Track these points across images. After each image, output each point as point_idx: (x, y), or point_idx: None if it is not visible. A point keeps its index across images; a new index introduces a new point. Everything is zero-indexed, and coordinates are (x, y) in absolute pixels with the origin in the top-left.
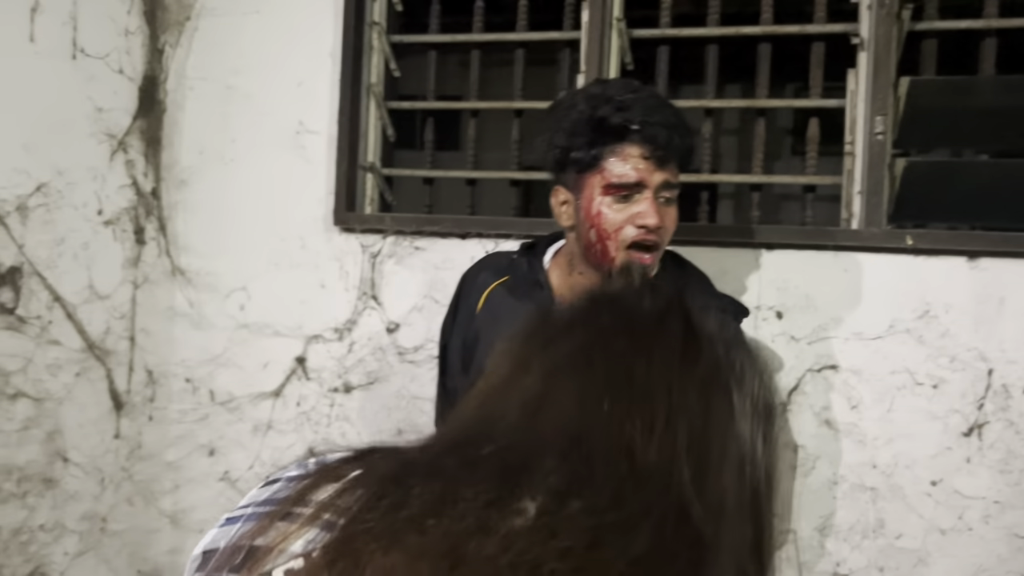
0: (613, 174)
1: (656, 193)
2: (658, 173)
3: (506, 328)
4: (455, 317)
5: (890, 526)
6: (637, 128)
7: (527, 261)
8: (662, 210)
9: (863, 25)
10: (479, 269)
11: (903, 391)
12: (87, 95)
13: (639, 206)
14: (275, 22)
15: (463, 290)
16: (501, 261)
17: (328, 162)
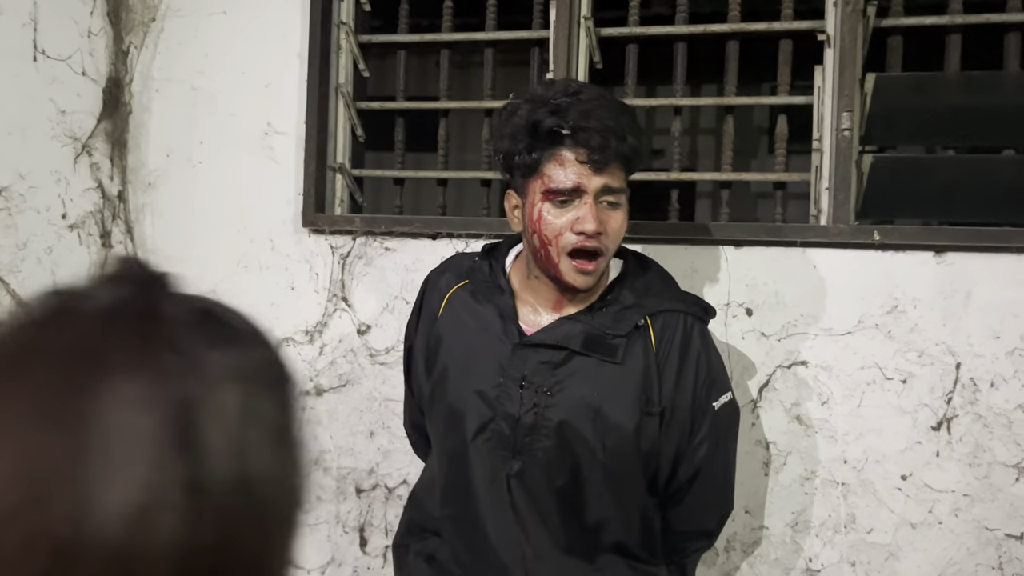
0: (551, 179)
1: (597, 198)
2: (597, 178)
3: (467, 331)
4: (419, 319)
5: (861, 521)
6: (569, 133)
7: (488, 264)
8: (605, 215)
9: (829, 22)
10: (442, 271)
11: (872, 386)
12: (49, 97)
13: (579, 211)
14: (241, 23)
15: (426, 292)
16: (463, 263)
17: (297, 163)
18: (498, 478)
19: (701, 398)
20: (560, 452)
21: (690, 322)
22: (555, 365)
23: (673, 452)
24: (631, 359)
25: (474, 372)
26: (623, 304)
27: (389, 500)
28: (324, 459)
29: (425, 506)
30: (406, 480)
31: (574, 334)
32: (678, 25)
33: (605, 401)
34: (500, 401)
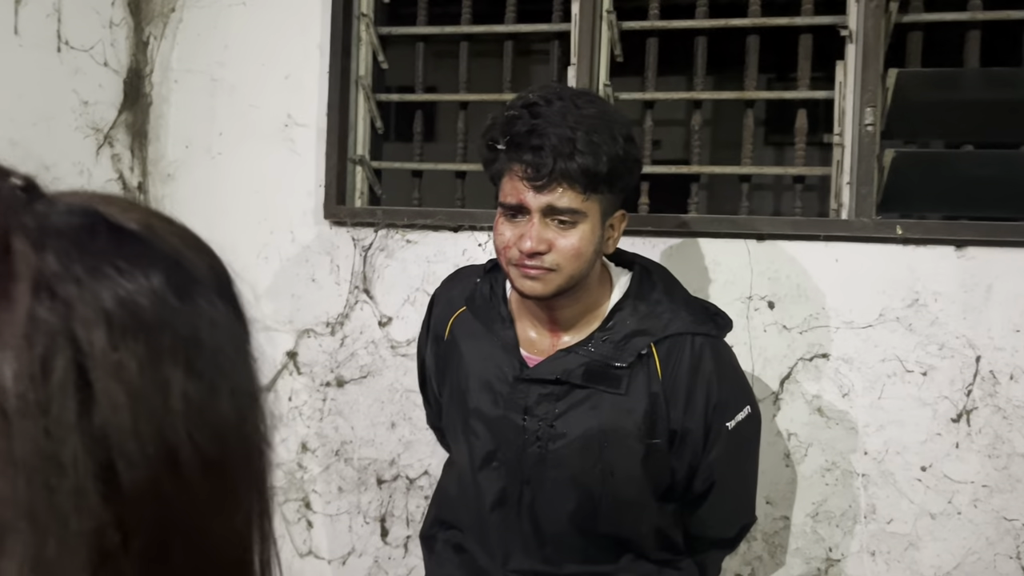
0: (501, 192)
1: (545, 215)
2: (540, 196)
3: (470, 361)
4: (427, 336)
5: (881, 511)
6: (503, 148)
7: (490, 285)
8: (553, 233)
9: (851, 17)
10: (449, 288)
11: (893, 379)
12: (72, 88)
13: (524, 228)
14: (261, 14)
15: (434, 309)
16: (468, 283)
17: (317, 155)
18: (508, 504)
19: (713, 421)
20: (568, 482)
21: (699, 344)
22: (557, 397)
23: (686, 469)
24: (635, 388)
25: (478, 403)
26: (626, 331)
27: (410, 491)
28: (345, 450)
29: (449, 504)
30: (427, 471)
31: (574, 367)
32: (699, 19)
33: (609, 432)
34: (504, 433)
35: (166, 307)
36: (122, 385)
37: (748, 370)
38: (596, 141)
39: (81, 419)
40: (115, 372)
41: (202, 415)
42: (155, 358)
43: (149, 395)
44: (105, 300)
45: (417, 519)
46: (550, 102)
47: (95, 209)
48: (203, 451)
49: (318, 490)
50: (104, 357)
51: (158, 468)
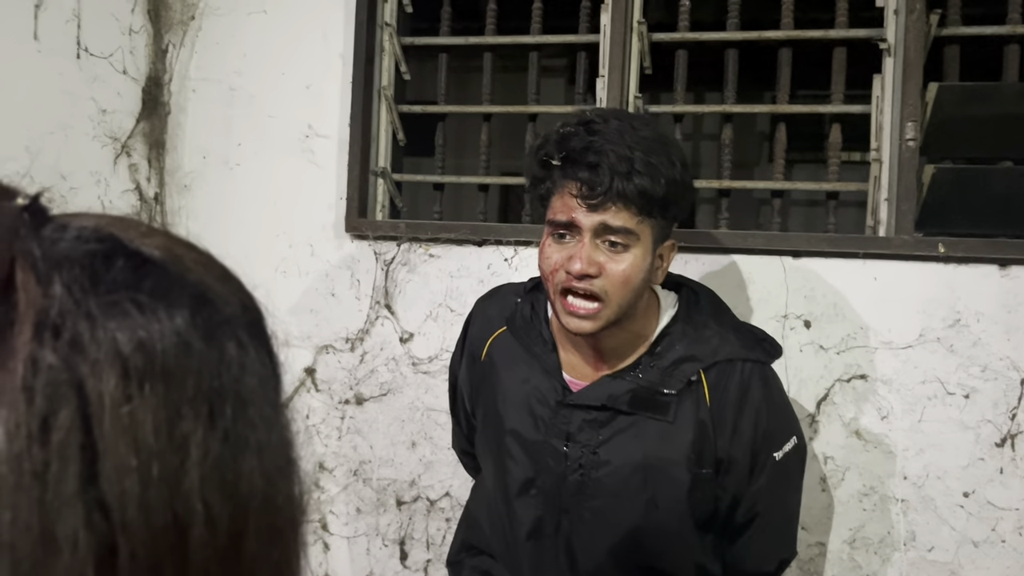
0: (551, 210)
1: (596, 236)
2: (593, 215)
3: (510, 384)
4: (462, 355)
5: (921, 538)
6: (558, 164)
7: (531, 305)
8: (604, 256)
9: (889, 30)
10: (487, 305)
11: (934, 401)
12: (90, 96)
13: (573, 249)
14: (281, 22)
15: (470, 327)
16: (507, 302)
17: (338, 167)
18: (544, 534)
19: (759, 451)
20: (609, 512)
21: (747, 371)
22: (601, 423)
23: (729, 499)
24: (683, 416)
25: (517, 428)
26: (675, 356)
27: (431, 513)
28: (364, 470)
29: (479, 529)
30: (448, 492)
31: (620, 393)
32: (730, 31)
33: (655, 461)
34: (544, 459)
35: (190, 351)
36: (133, 444)
37: None
38: (654, 163)
39: (84, 488)
40: (126, 429)
41: (223, 481)
42: (173, 412)
43: (163, 457)
44: (120, 342)
45: (438, 542)
46: (607, 121)
47: (111, 233)
48: (219, 527)
49: (335, 511)
50: (114, 411)
51: (165, 547)
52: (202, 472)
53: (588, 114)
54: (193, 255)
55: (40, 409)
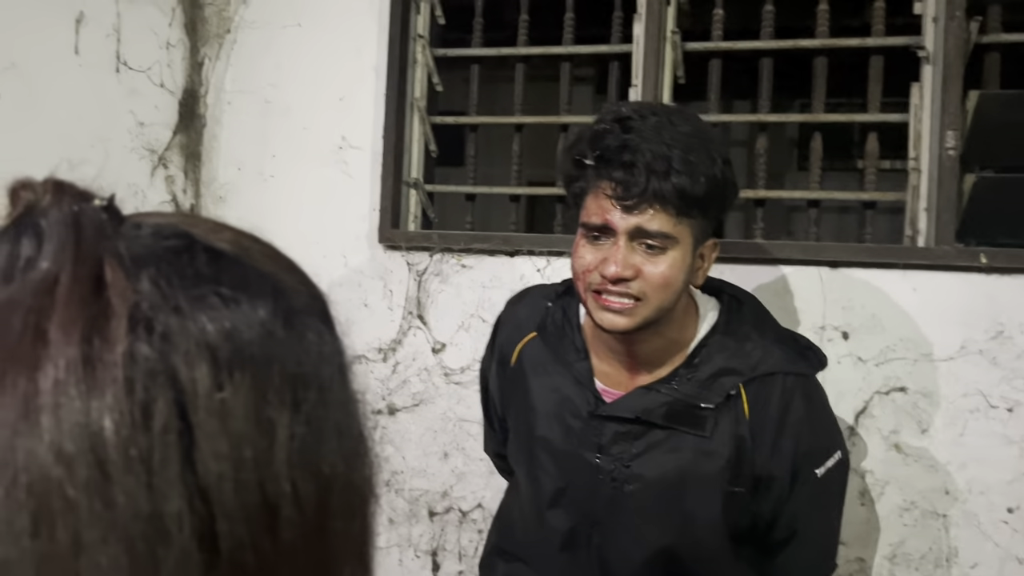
0: (585, 212)
1: (632, 239)
2: (628, 218)
3: (540, 392)
4: (492, 359)
5: (964, 555)
6: (592, 164)
7: (562, 310)
8: (640, 258)
9: (928, 38)
10: (516, 308)
11: (976, 414)
12: (129, 109)
13: (608, 251)
14: (316, 35)
15: (499, 330)
16: (538, 306)
17: (372, 178)
18: (577, 545)
19: (801, 467)
20: (642, 527)
21: (790, 384)
22: (635, 436)
23: (768, 516)
24: (721, 431)
25: (548, 437)
26: (713, 369)
27: (463, 524)
28: (396, 480)
29: (511, 533)
30: (480, 504)
31: (655, 406)
32: (765, 40)
33: (690, 477)
34: (575, 471)
35: (274, 339)
36: (225, 430)
37: None
38: (693, 160)
39: (184, 472)
40: (218, 415)
41: (308, 463)
42: (261, 398)
43: (253, 441)
44: (209, 332)
45: (470, 554)
46: (644, 117)
47: (184, 230)
48: (306, 506)
49: None
50: (207, 398)
51: (258, 526)
52: (289, 454)
53: (624, 110)
54: (259, 247)
55: (140, 398)
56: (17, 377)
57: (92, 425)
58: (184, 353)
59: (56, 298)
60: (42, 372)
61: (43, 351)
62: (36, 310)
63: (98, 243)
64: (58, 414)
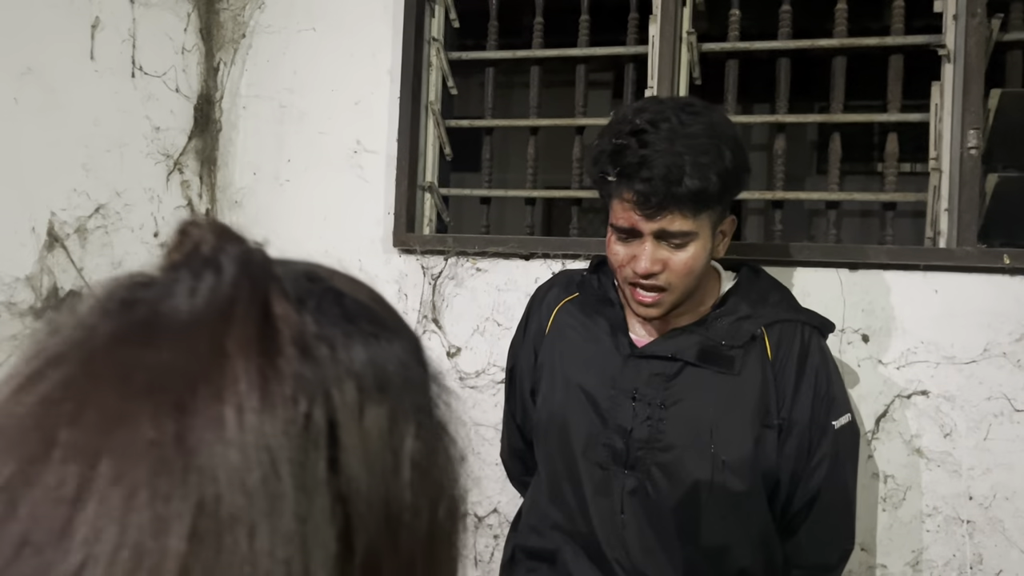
0: (613, 215)
1: (657, 238)
2: (652, 223)
3: (577, 343)
4: (524, 334)
5: (989, 562)
6: (614, 180)
7: (597, 278)
8: (666, 253)
9: (948, 36)
10: (549, 286)
11: (1000, 418)
12: (145, 114)
13: (637, 249)
14: (331, 40)
15: (532, 309)
16: (573, 277)
17: (387, 182)
18: (611, 494)
19: (820, 415)
20: (676, 468)
21: (807, 333)
22: (668, 377)
23: (791, 472)
24: (748, 371)
25: (585, 384)
26: (738, 314)
27: (479, 529)
28: None
29: (534, 532)
30: (496, 508)
31: (688, 345)
32: (782, 40)
33: (722, 415)
34: (612, 413)
35: (408, 373)
36: (363, 446)
37: None
38: (704, 163)
39: (329, 478)
40: (359, 432)
41: (424, 479)
42: (393, 422)
43: (384, 458)
44: (355, 362)
45: (486, 559)
46: (656, 125)
47: (318, 275)
48: (421, 516)
49: None
50: (351, 416)
51: (385, 531)
52: (409, 473)
53: (639, 121)
54: (370, 293)
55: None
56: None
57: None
58: (335, 378)
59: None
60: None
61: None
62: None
63: (266, 279)
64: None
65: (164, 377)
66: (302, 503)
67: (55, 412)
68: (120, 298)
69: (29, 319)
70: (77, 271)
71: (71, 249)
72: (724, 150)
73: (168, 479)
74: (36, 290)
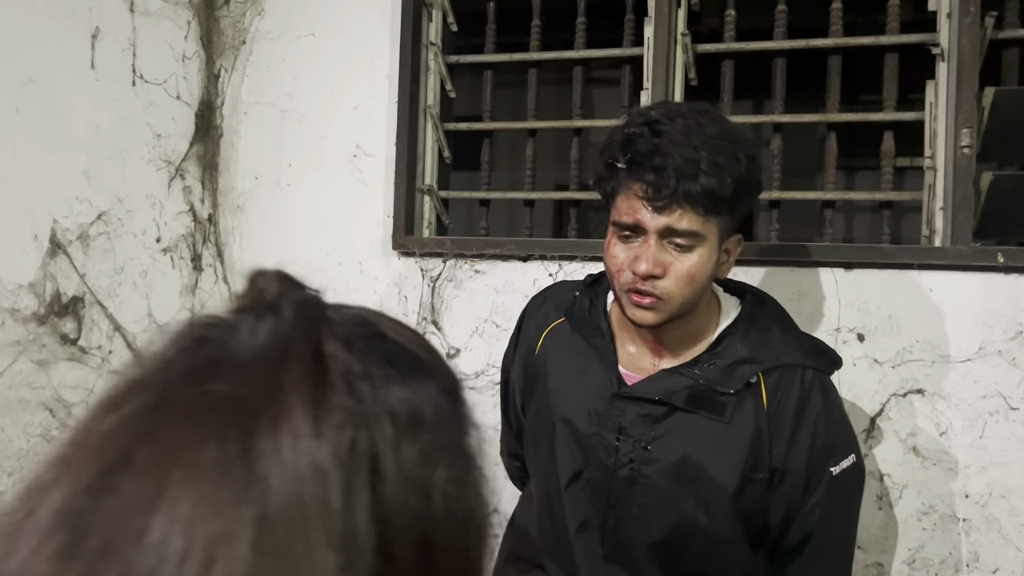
0: (617, 211)
1: (662, 237)
2: (659, 217)
3: (564, 374)
4: (515, 350)
5: (985, 559)
6: (624, 168)
7: (589, 299)
8: (669, 257)
9: (942, 35)
10: (542, 301)
11: (996, 416)
12: (146, 121)
13: (639, 250)
14: (330, 45)
15: (524, 322)
16: (564, 296)
17: (386, 185)
18: (591, 528)
19: (816, 464)
20: (658, 510)
21: (809, 378)
22: (655, 419)
23: (783, 514)
24: (739, 418)
25: (570, 418)
26: (734, 357)
27: None
28: None
29: (526, 537)
30: (496, 508)
31: (677, 389)
32: (777, 40)
33: (707, 461)
34: (595, 451)
35: (441, 412)
36: (400, 473)
37: None
38: (721, 163)
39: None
40: (396, 463)
41: (454, 507)
42: (426, 456)
43: (417, 486)
44: (393, 401)
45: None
46: (672, 120)
47: (369, 320)
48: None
49: None
50: (389, 448)
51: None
52: (443, 500)
53: (653, 114)
54: (422, 342)
55: (348, 440)
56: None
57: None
58: (375, 415)
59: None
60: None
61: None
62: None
63: (320, 323)
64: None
65: (229, 406)
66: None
67: (134, 430)
68: (194, 336)
69: (32, 325)
70: (80, 277)
71: (73, 255)
72: (741, 156)
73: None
74: (39, 296)
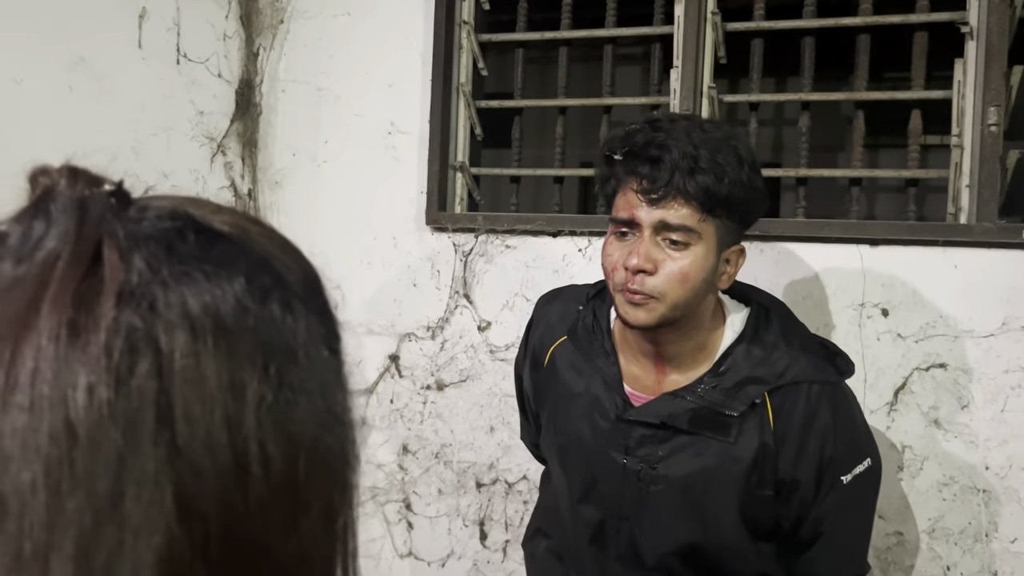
0: (614, 208)
1: (656, 233)
2: (653, 211)
3: (570, 394)
4: (525, 356)
5: (1004, 530)
6: (620, 159)
7: (593, 314)
8: (662, 253)
9: (972, 13)
10: (549, 309)
11: (1017, 391)
12: (189, 99)
13: (633, 246)
14: (365, 24)
15: (532, 328)
16: (568, 309)
17: (419, 162)
18: (606, 537)
19: (826, 474)
20: (667, 525)
21: (815, 393)
22: (660, 440)
23: (794, 516)
24: (745, 437)
25: (578, 436)
26: (739, 377)
27: (509, 495)
28: (445, 453)
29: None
30: (526, 475)
31: (681, 412)
32: (807, 18)
33: (713, 479)
34: (604, 470)
35: (248, 313)
36: (199, 393)
37: (860, 379)
38: (720, 161)
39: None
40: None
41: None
42: (234, 365)
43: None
44: (190, 305)
45: (516, 523)
46: (674, 120)
47: (186, 211)
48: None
49: (419, 492)
50: (184, 363)
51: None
52: (258, 417)
53: (655, 114)
54: (257, 228)
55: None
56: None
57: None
58: (165, 323)
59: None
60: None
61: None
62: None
63: (100, 225)
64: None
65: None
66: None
67: None
68: None
69: None
70: None
71: None
72: (743, 161)
73: None
74: None
